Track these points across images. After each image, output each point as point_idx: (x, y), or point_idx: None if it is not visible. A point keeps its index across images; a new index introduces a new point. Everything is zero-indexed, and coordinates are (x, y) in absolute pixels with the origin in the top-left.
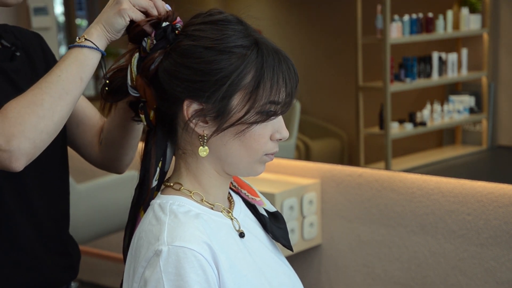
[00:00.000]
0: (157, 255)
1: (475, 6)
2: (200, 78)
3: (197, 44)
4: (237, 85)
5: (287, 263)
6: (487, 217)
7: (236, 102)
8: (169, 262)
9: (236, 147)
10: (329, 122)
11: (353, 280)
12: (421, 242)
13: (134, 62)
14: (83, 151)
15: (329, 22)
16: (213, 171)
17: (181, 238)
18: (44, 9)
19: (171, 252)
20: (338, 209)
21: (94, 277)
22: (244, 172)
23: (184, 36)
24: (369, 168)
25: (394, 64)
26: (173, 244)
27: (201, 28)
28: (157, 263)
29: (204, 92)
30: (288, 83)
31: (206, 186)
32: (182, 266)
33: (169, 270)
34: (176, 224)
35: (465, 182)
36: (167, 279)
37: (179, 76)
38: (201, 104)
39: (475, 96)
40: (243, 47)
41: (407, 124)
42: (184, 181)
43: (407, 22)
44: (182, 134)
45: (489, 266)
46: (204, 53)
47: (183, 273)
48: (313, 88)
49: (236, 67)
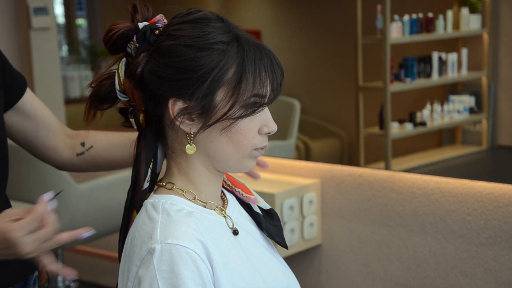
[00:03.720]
0: (151, 254)
1: (475, 6)
2: (182, 76)
3: (178, 43)
4: (219, 81)
5: (282, 261)
6: (487, 217)
7: (220, 98)
8: (162, 260)
9: (224, 143)
10: (329, 122)
11: (353, 280)
12: (421, 242)
13: (121, 67)
14: (45, 155)
15: (329, 22)
16: (203, 168)
17: (174, 236)
18: (44, 9)
19: (164, 250)
20: (338, 209)
21: (94, 277)
22: (234, 168)
23: (165, 36)
24: (369, 168)
25: (394, 64)
26: (166, 242)
27: (181, 27)
28: (151, 261)
29: (187, 90)
30: (271, 76)
31: (198, 184)
32: (176, 264)
33: (162, 268)
34: (169, 222)
35: (465, 182)
36: (161, 276)
37: (162, 75)
38: (186, 102)
39: (475, 96)
40: (223, 43)
41: (407, 124)
42: (176, 180)
43: (407, 22)
44: (170, 134)
45: (489, 266)
46: (185, 51)
47: (176, 271)
48: (313, 88)
49: (217, 63)
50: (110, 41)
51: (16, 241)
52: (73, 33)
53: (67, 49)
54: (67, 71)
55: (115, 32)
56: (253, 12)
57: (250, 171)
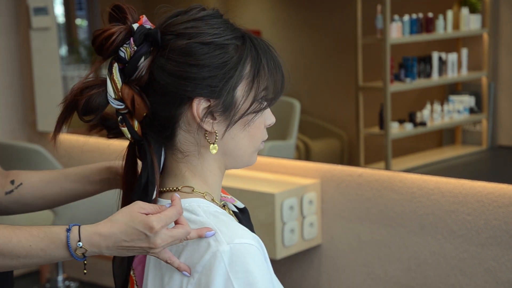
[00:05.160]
0: (216, 257)
1: (475, 6)
2: (208, 74)
3: (196, 41)
4: (240, 76)
5: None
6: (487, 217)
7: (240, 93)
8: (234, 261)
9: (242, 138)
10: (329, 122)
11: (353, 280)
12: (421, 242)
13: (116, 73)
14: None
15: (329, 22)
16: (216, 168)
17: (238, 235)
18: (44, 9)
19: (234, 250)
20: (338, 209)
21: (94, 277)
22: (244, 163)
23: (174, 35)
24: (369, 168)
25: (394, 64)
26: (234, 242)
27: (193, 25)
28: (220, 264)
29: (214, 87)
30: (279, 66)
31: (211, 185)
32: (248, 262)
33: (236, 269)
34: (223, 223)
35: (465, 182)
36: (236, 278)
37: (185, 75)
38: (209, 101)
39: (475, 96)
40: (237, 38)
41: (407, 124)
42: (192, 183)
43: (407, 22)
44: (183, 136)
45: (489, 266)
46: (206, 49)
47: (250, 269)
48: (313, 88)
49: (239, 58)
50: (112, 46)
51: (157, 233)
52: (73, 33)
53: (67, 49)
54: (67, 71)
55: (116, 36)
56: (253, 12)
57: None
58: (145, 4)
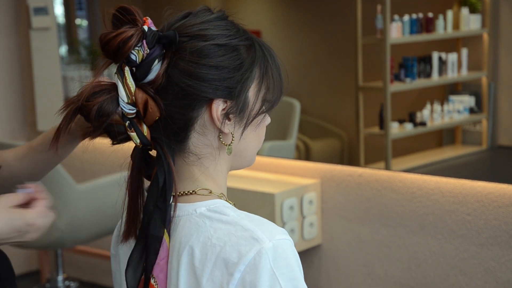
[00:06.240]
0: (264, 254)
1: (475, 6)
2: (227, 75)
3: (213, 42)
4: (253, 77)
5: None
6: (487, 217)
7: (252, 94)
8: (277, 257)
9: (251, 138)
10: (329, 122)
11: (353, 280)
12: (421, 242)
13: (129, 77)
14: None
15: (329, 22)
16: (226, 169)
17: (277, 232)
18: (44, 9)
19: (277, 246)
20: (338, 209)
21: (94, 277)
22: (247, 164)
23: (189, 37)
24: (369, 168)
25: (394, 64)
26: (276, 239)
27: (207, 27)
28: (266, 261)
29: (233, 89)
30: (279, 65)
31: (222, 186)
32: (289, 257)
33: (279, 265)
34: (257, 220)
35: (465, 182)
36: (280, 273)
37: (206, 77)
38: (226, 102)
39: (475, 96)
40: (246, 39)
41: (407, 124)
42: (206, 185)
43: (407, 22)
44: (197, 139)
45: (489, 266)
46: (223, 51)
47: (291, 264)
48: (313, 88)
49: (252, 59)
50: (130, 50)
51: (38, 228)
52: (73, 33)
53: (67, 49)
54: (67, 71)
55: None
56: (253, 12)
57: None
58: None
